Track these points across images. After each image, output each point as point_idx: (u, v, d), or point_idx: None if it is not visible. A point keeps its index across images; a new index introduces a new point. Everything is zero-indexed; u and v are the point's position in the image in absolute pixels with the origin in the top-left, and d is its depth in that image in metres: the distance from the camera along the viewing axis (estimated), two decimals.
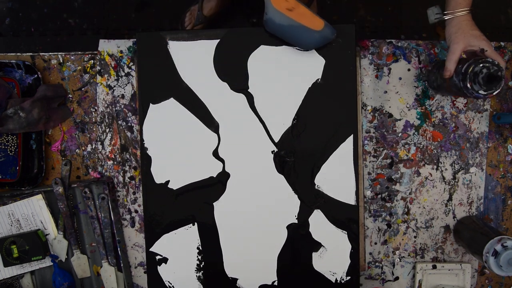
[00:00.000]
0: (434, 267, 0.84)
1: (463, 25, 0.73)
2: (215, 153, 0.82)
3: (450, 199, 0.85)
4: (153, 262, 0.83)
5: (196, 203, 0.82)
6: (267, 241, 0.82)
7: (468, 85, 0.69)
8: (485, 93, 0.69)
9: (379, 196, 0.85)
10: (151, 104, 0.81)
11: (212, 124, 0.81)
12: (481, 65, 0.68)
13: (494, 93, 0.69)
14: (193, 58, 0.80)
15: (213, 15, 1.39)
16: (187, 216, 0.83)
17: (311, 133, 0.81)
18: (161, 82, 0.81)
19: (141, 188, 0.85)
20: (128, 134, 0.85)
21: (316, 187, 0.81)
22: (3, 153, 0.84)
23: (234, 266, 0.83)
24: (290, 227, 0.82)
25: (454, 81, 0.71)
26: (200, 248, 0.83)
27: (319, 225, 0.82)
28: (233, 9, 1.46)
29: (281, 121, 0.81)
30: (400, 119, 0.84)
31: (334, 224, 0.81)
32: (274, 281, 0.83)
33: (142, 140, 0.82)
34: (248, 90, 0.81)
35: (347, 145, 0.80)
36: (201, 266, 0.83)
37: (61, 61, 0.85)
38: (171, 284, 0.84)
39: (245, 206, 0.82)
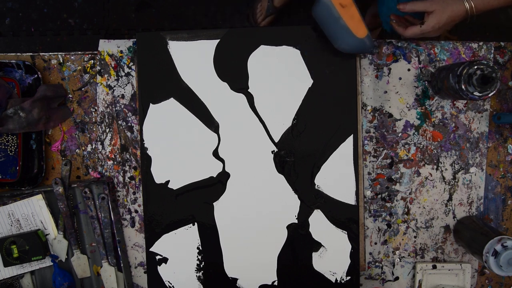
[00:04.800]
0: (434, 267, 0.84)
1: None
2: (215, 153, 0.82)
3: (450, 199, 0.85)
4: (153, 262, 0.83)
5: (196, 203, 0.82)
6: (267, 241, 0.82)
7: (463, 87, 0.69)
8: (480, 94, 0.69)
9: (379, 196, 0.85)
10: (151, 104, 0.81)
11: (212, 124, 0.81)
12: (475, 66, 0.69)
13: (490, 95, 0.69)
14: (193, 58, 0.81)
15: (284, 6, 1.39)
16: (187, 216, 0.83)
17: (311, 133, 0.81)
18: (161, 82, 0.81)
19: (141, 188, 0.85)
20: (128, 134, 0.85)
21: (316, 187, 0.81)
22: (3, 153, 0.84)
23: (234, 266, 0.83)
24: (290, 227, 0.82)
25: (451, 83, 0.72)
26: (200, 248, 0.83)
27: (319, 225, 0.82)
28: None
29: (281, 121, 0.81)
30: (400, 119, 0.84)
31: (334, 224, 0.81)
32: (274, 281, 0.83)
33: (142, 140, 0.82)
34: (248, 90, 0.81)
35: (347, 145, 0.80)
36: (201, 266, 0.83)
37: (61, 61, 0.85)
38: (171, 284, 0.84)
39: (245, 206, 0.82)
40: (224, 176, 0.82)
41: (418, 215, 0.85)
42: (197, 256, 0.83)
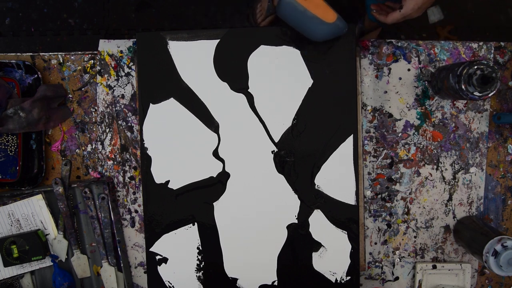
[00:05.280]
0: (434, 267, 0.84)
1: None
2: (215, 153, 0.82)
3: (450, 199, 0.85)
4: (153, 262, 0.83)
5: (196, 203, 0.82)
6: (267, 241, 0.82)
7: (463, 87, 0.69)
8: (480, 94, 0.69)
9: (379, 196, 0.85)
10: (151, 104, 0.81)
11: (212, 124, 0.81)
12: (475, 66, 0.69)
13: (490, 95, 0.69)
14: (193, 58, 0.81)
15: None
16: (187, 216, 0.83)
17: (311, 133, 0.81)
18: (161, 82, 0.81)
19: (141, 188, 0.85)
20: (128, 134, 0.85)
21: (316, 187, 0.81)
22: (3, 153, 0.84)
23: (234, 266, 0.83)
24: (290, 227, 0.82)
25: (451, 83, 0.72)
26: (200, 248, 0.83)
27: (319, 225, 0.82)
28: None
29: (281, 121, 0.81)
30: (400, 119, 0.84)
31: (334, 224, 0.81)
32: (274, 281, 0.83)
33: (142, 140, 0.82)
34: (248, 90, 0.81)
35: (347, 145, 0.80)
36: (201, 266, 0.83)
37: (61, 61, 0.85)
38: (171, 284, 0.84)
39: (245, 206, 0.82)
40: (224, 176, 0.82)
41: (418, 215, 0.85)
42: (197, 256, 0.83)
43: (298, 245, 0.82)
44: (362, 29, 1.39)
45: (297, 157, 0.81)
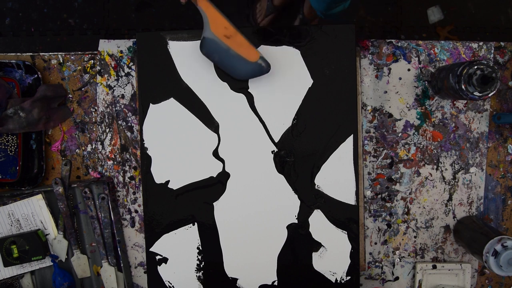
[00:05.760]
0: (434, 267, 0.84)
1: None
2: (215, 153, 0.82)
3: (450, 199, 0.85)
4: (153, 262, 0.84)
5: (196, 203, 0.82)
6: (267, 241, 0.82)
7: (463, 87, 0.69)
8: (480, 94, 0.69)
9: (379, 196, 0.85)
10: (151, 104, 0.81)
11: (212, 124, 0.81)
12: (475, 66, 0.69)
13: (490, 95, 0.69)
14: (193, 58, 0.81)
15: (283, 5, 1.39)
16: (187, 216, 0.83)
17: (311, 133, 0.81)
18: (161, 82, 0.81)
19: (141, 188, 0.85)
20: (128, 134, 0.85)
21: (316, 187, 0.81)
22: (3, 153, 0.84)
23: (234, 266, 0.83)
24: (290, 227, 0.82)
25: (451, 83, 0.72)
26: (200, 248, 0.83)
27: (319, 225, 0.82)
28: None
29: (281, 121, 0.81)
30: (400, 119, 0.84)
31: (334, 224, 0.81)
32: (274, 281, 0.83)
33: (142, 140, 0.82)
34: (248, 90, 0.81)
35: (347, 145, 0.80)
36: (201, 266, 0.83)
37: (61, 61, 0.85)
38: (171, 284, 0.84)
39: (245, 206, 0.82)
40: (224, 176, 0.82)
41: (418, 215, 0.85)
42: (197, 256, 0.83)
43: (298, 245, 0.82)
44: (302, 20, 1.40)
45: (297, 157, 0.81)
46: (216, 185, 0.82)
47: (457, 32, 1.51)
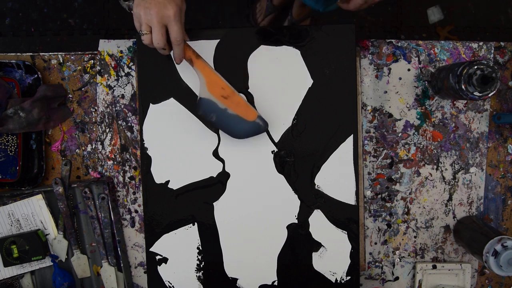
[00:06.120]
0: (434, 267, 0.84)
1: None
2: (215, 153, 0.82)
3: (450, 199, 0.85)
4: (153, 262, 0.83)
5: (196, 203, 0.82)
6: (267, 241, 0.82)
7: (463, 87, 0.70)
8: (480, 94, 0.69)
9: (379, 196, 0.85)
10: (151, 104, 0.81)
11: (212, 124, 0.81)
12: (475, 66, 0.69)
13: (490, 95, 0.69)
14: None
15: (283, 5, 1.39)
16: (187, 216, 0.83)
17: (311, 133, 0.81)
18: (161, 82, 0.81)
19: (141, 188, 0.85)
20: (128, 134, 0.85)
21: (316, 187, 0.81)
22: (3, 153, 0.84)
23: (234, 266, 0.83)
24: (290, 227, 0.82)
25: (451, 83, 0.72)
26: (200, 248, 0.83)
27: (319, 225, 0.82)
28: None
29: (281, 121, 0.81)
30: (400, 119, 0.84)
31: (334, 224, 0.81)
32: (274, 281, 0.83)
33: (142, 140, 0.82)
34: (248, 90, 0.81)
35: (347, 145, 0.80)
36: (201, 266, 0.83)
37: (61, 61, 0.85)
38: (171, 284, 0.84)
39: (245, 206, 0.82)
40: (224, 176, 0.82)
41: (418, 215, 0.85)
42: (197, 256, 0.83)
43: (298, 245, 0.82)
44: (291, 21, 1.40)
45: (297, 157, 0.81)
46: (216, 185, 0.82)
47: (457, 32, 1.51)
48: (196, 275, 0.84)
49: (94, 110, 0.86)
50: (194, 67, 0.72)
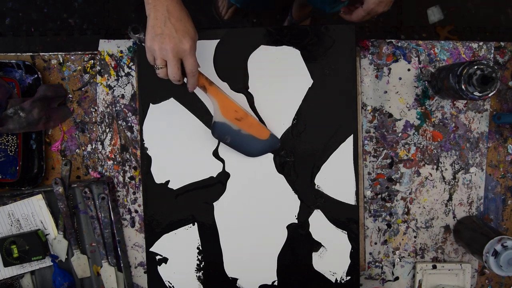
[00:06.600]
0: (434, 267, 0.84)
1: None
2: (215, 153, 0.82)
3: (450, 199, 0.85)
4: (153, 262, 0.83)
5: (196, 203, 0.82)
6: (267, 241, 0.82)
7: (463, 87, 0.70)
8: (480, 94, 0.69)
9: (379, 196, 0.85)
10: (151, 104, 0.81)
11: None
12: (475, 66, 0.69)
13: (490, 95, 0.69)
14: None
15: None
16: (187, 216, 0.83)
17: (311, 133, 0.81)
18: (161, 82, 0.81)
19: (141, 188, 0.85)
20: (128, 134, 0.85)
21: (316, 187, 0.81)
22: (3, 153, 0.84)
23: (234, 266, 0.83)
24: (290, 227, 0.82)
25: (451, 83, 0.72)
26: (200, 248, 0.83)
27: (319, 225, 0.82)
28: None
29: (281, 121, 0.81)
30: (400, 119, 0.84)
31: (334, 224, 0.81)
32: (274, 281, 0.83)
33: (142, 140, 0.82)
34: (248, 90, 0.81)
35: (347, 145, 0.80)
36: (201, 266, 0.83)
37: (61, 61, 0.85)
38: (171, 284, 0.84)
39: (245, 206, 0.82)
40: (224, 176, 0.82)
41: (418, 215, 0.85)
42: (197, 256, 0.83)
43: (298, 245, 0.82)
44: (291, 21, 1.40)
45: (297, 157, 0.81)
46: (216, 185, 0.82)
47: (457, 32, 1.51)
48: (196, 275, 0.84)
49: (94, 110, 0.86)
50: (208, 93, 0.74)
